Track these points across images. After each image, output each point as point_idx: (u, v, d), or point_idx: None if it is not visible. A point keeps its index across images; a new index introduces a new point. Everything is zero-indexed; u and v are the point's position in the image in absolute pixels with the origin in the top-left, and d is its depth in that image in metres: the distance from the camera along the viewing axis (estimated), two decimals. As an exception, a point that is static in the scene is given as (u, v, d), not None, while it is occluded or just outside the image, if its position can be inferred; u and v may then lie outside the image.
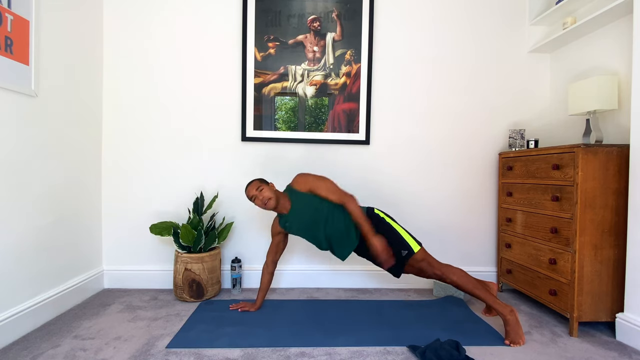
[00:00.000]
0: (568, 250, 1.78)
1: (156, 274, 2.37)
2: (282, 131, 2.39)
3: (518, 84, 2.50)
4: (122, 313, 1.95)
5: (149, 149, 2.37)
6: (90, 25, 2.20)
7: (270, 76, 2.38)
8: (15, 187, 1.64)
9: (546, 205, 1.94)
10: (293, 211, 1.90)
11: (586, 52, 2.18)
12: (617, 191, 1.73)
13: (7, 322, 1.59)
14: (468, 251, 2.51)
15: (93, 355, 1.50)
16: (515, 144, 2.36)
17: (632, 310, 1.65)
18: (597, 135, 1.90)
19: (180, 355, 1.50)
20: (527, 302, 2.21)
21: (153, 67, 2.35)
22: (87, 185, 2.20)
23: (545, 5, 2.40)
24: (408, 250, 1.79)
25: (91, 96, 2.22)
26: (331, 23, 2.39)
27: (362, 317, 1.92)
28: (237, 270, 2.30)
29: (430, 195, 2.48)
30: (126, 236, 2.37)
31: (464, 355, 1.47)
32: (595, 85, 1.85)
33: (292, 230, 1.92)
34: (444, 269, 1.77)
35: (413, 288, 2.46)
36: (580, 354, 1.57)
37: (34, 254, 1.77)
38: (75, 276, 2.09)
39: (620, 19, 1.94)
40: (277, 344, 1.61)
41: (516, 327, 1.65)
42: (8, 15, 1.58)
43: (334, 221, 1.86)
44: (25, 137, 1.70)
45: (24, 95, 1.69)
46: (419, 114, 2.46)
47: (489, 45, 2.48)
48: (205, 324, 1.81)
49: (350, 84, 2.41)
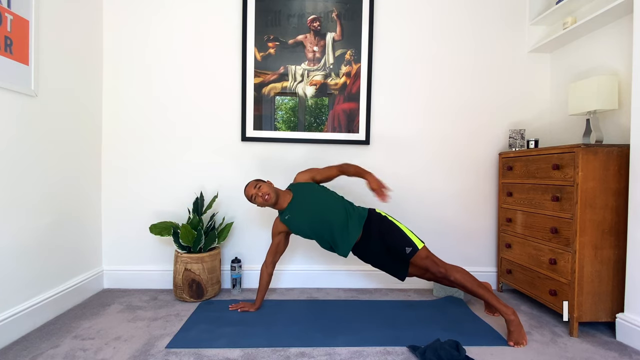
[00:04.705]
0: (568, 250, 1.78)
1: (156, 274, 2.37)
2: (282, 131, 2.39)
3: (518, 83, 2.50)
4: (121, 313, 1.94)
5: (148, 148, 2.37)
6: (90, 25, 2.20)
7: (270, 76, 2.38)
8: (14, 187, 1.64)
9: (546, 205, 1.94)
10: (294, 200, 1.91)
11: (586, 52, 2.18)
12: (617, 191, 1.73)
13: (7, 322, 1.58)
14: (468, 251, 2.50)
15: (93, 355, 1.50)
16: (515, 144, 2.36)
17: (632, 311, 1.65)
18: (597, 135, 1.90)
19: (180, 356, 1.50)
20: (527, 302, 2.20)
21: (153, 67, 2.35)
22: (87, 185, 2.19)
23: (546, 5, 2.40)
24: (412, 247, 1.79)
25: (91, 96, 2.22)
26: (331, 23, 2.39)
27: (362, 317, 1.92)
28: (237, 270, 2.30)
29: (430, 195, 2.48)
30: (126, 236, 2.37)
31: (464, 355, 1.47)
32: (596, 85, 1.85)
33: (294, 222, 1.90)
34: (448, 267, 1.77)
35: (413, 288, 2.46)
36: (581, 354, 1.57)
37: (33, 254, 1.76)
38: (75, 276, 2.09)
39: (621, 19, 1.94)
40: (277, 344, 1.61)
41: (519, 327, 1.65)
42: (8, 15, 1.57)
43: (335, 208, 1.87)
44: (25, 137, 1.70)
45: (24, 95, 1.69)
46: (418, 114, 2.46)
47: (489, 45, 2.48)
48: (205, 324, 1.81)
49: (350, 83, 2.41)
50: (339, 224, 1.85)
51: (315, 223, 1.88)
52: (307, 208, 1.88)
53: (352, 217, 1.87)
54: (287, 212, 1.92)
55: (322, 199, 1.89)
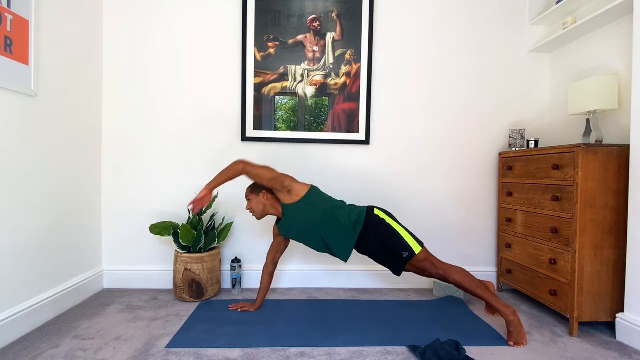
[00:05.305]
0: (568, 250, 1.78)
1: (156, 274, 2.37)
2: (282, 131, 2.39)
3: (518, 83, 2.50)
4: (121, 313, 1.94)
5: (148, 148, 2.37)
6: (90, 25, 2.20)
7: (270, 76, 2.38)
8: (14, 187, 1.64)
9: (546, 205, 1.94)
10: (285, 219, 1.90)
11: (586, 52, 2.18)
12: (617, 191, 1.73)
13: (7, 322, 1.58)
14: (468, 251, 2.50)
15: (93, 355, 1.50)
16: (515, 143, 2.36)
17: (633, 310, 1.65)
18: (597, 135, 1.90)
19: (180, 356, 1.50)
20: (527, 302, 2.20)
21: (153, 67, 2.35)
22: (87, 185, 2.19)
23: (546, 5, 2.40)
24: (409, 252, 1.77)
25: (91, 96, 2.22)
26: (331, 23, 2.39)
27: (362, 317, 1.92)
28: (237, 270, 2.30)
29: (430, 195, 2.48)
30: (126, 236, 2.37)
31: (464, 355, 1.47)
32: (596, 85, 1.85)
33: (289, 236, 1.93)
34: (447, 268, 1.76)
35: (413, 288, 2.46)
36: (581, 354, 1.57)
37: (33, 254, 1.76)
38: (75, 276, 2.09)
39: (621, 19, 1.94)
40: (277, 344, 1.61)
41: (519, 327, 1.65)
42: (8, 15, 1.57)
43: (328, 225, 1.83)
44: (25, 137, 1.70)
45: (24, 95, 1.69)
46: (419, 113, 2.46)
47: (489, 45, 2.48)
48: (205, 324, 1.81)
49: (350, 83, 2.41)
50: (333, 238, 1.84)
51: (307, 238, 1.89)
52: (296, 228, 1.88)
53: (346, 228, 1.82)
54: (281, 226, 1.92)
55: (309, 220, 1.84)
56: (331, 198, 1.92)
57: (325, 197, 1.90)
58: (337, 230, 1.83)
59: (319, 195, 1.88)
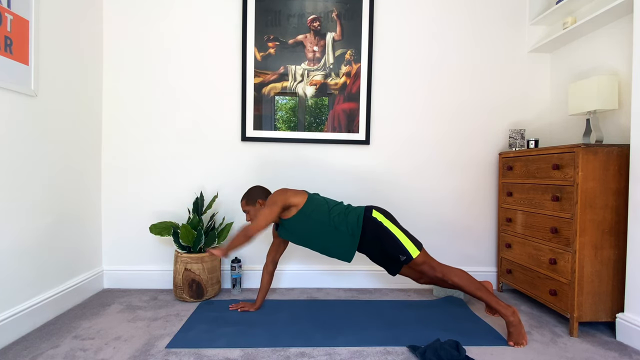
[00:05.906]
0: (568, 250, 1.78)
1: (156, 274, 2.37)
2: (282, 131, 2.39)
3: (518, 83, 2.50)
4: (121, 313, 1.94)
5: (148, 148, 2.37)
6: (90, 25, 2.20)
7: (270, 76, 2.38)
8: (14, 187, 1.64)
9: (546, 205, 1.94)
10: (283, 229, 1.91)
11: (586, 52, 2.18)
12: (617, 191, 1.73)
13: (7, 322, 1.58)
14: (468, 251, 2.50)
15: (93, 355, 1.50)
16: (515, 143, 2.36)
17: (633, 310, 1.65)
18: (597, 135, 1.90)
19: (180, 356, 1.50)
20: (527, 302, 2.20)
21: (153, 67, 2.35)
22: (87, 185, 2.19)
23: (546, 5, 2.40)
24: (406, 256, 1.76)
25: (91, 96, 2.22)
26: (331, 23, 2.39)
27: (362, 317, 1.92)
28: (237, 270, 2.30)
29: (430, 195, 2.48)
30: (126, 236, 2.37)
31: (464, 355, 1.47)
32: (596, 85, 1.85)
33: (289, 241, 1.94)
34: (446, 271, 1.75)
35: (413, 288, 2.46)
36: (581, 354, 1.57)
37: (33, 254, 1.76)
38: (75, 276, 2.09)
39: (621, 19, 1.94)
40: (277, 344, 1.61)
41: (519, 328, 1.65)
42: (8, 15, 1.57)
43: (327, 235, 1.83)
44: (25, 136, 1.70)
45: (24, 95, 1.69)
46: (419, 113, 2.46)
47: (489, 45, 2.48)
48: (205, 324, 1.81)
49: (350, 83, 2.41)
50: (333, 245, 1.84)
51: (307, 244, 1.89)
52: (295, 238, 1.89)
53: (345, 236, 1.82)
54: (280, 233, 1.93)
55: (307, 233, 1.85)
56: (328, 203, 1.89)
57: (322, 205, 1.87)
58: (337, 238, 1.82)
59: (316, 205, 1.86)
